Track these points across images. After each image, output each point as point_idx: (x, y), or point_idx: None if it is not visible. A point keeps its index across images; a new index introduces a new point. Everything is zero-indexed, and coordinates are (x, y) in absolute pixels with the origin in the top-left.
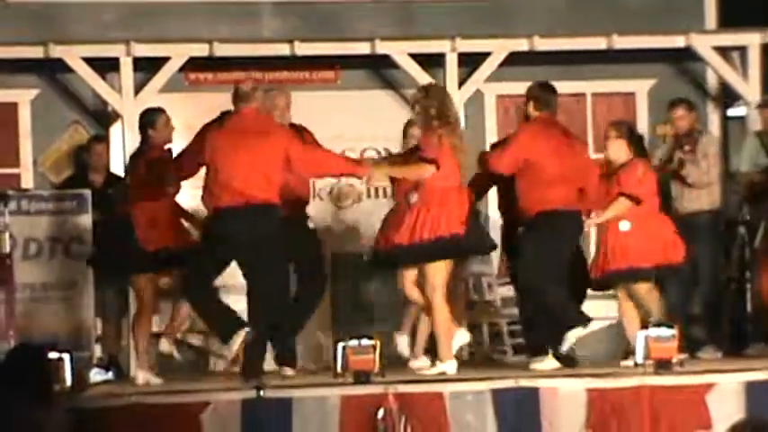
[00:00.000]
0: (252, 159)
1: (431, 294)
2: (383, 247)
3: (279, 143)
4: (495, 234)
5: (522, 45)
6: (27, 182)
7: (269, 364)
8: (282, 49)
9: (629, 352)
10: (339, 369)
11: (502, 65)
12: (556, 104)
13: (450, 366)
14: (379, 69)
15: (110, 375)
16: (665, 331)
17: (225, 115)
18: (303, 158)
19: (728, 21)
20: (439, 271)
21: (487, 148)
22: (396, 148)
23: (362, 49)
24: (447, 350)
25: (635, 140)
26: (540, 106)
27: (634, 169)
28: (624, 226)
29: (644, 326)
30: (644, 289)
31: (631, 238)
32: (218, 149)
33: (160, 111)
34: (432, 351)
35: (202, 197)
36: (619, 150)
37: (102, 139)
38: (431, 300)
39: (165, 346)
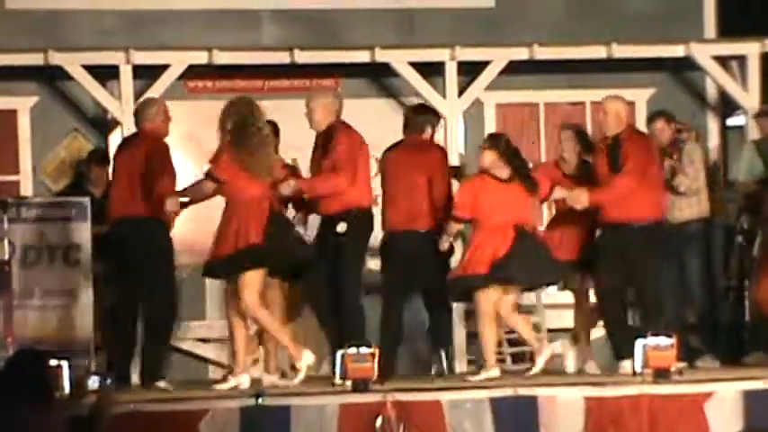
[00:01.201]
0: (124, 173)
1: (246, 309)
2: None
3: (140, 156)
4: None
5: (521, 54)
6: (26, 189)
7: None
8: (282, 57)
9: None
10: (338, 377)
11: (501, 73)
12: (417, 125)
13: (243, 380)
14: (379, 78)
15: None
16: (663, 340)
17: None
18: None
19: (728, 30)
20: (247, 285)
21: None
22: None
23: (362, 57)
24: (242, 365)
25: (509, 153)
26: (405, 126)
27: (460, 189)
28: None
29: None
30: (480, 299)
31: (468, 252)
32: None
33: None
34: None
35: None
36: (485, 161)
37: (101, 161)
38: (248, 314)
39: None
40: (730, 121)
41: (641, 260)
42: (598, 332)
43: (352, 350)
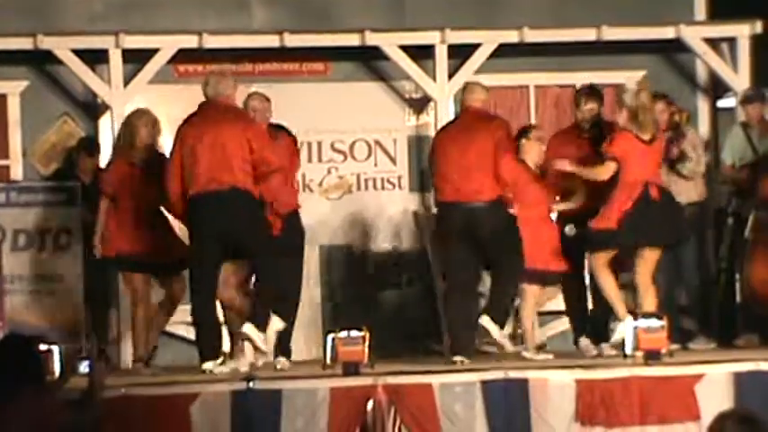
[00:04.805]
0: None
1: None
2: None
3: None
4: None
5: (511, 37)
6: (16, 173)
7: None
8: (272, 41)
9: None
10: (329, 360)
11: (492, 56)
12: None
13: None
14: (370, 61)
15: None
16: (654, 322)
17: None
18: None
19: (718, 12)
20: None
21: None
22: (386, 138)
23: (352, 40)
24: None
25: None
26: None
27: None
28: None
29: None
30: None
31: None
32: None
33: None
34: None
35: None
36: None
37: (90, 150)
38: None
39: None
40: (721, 103)
41: None
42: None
43: (343, 333)
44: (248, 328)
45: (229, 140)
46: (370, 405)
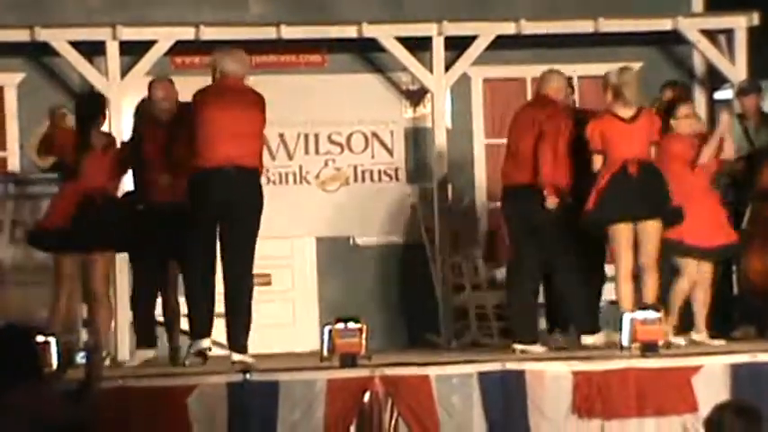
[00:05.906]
0: None
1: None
2: None
3: None
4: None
5: (508, 29)
6: (13, 165)
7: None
8: (269, 33)
9: None
10: (326, 352)
11: (488, 48)
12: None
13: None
14: (367, 53)
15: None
16: (651, 314)
17: None
18: None
19: (715, 4)
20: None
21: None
22: (383, 130)
23: (349, 32)
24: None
25: None
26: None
27: None
28: None
29: None
30: None
31: None
32: None
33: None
34: None
35: None
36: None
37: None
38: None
39: None
40: (718, 95)
41: None
42: None
43: (340, 325)
44: (238, 358)
45: (251, 122)
46: (366, 397)
